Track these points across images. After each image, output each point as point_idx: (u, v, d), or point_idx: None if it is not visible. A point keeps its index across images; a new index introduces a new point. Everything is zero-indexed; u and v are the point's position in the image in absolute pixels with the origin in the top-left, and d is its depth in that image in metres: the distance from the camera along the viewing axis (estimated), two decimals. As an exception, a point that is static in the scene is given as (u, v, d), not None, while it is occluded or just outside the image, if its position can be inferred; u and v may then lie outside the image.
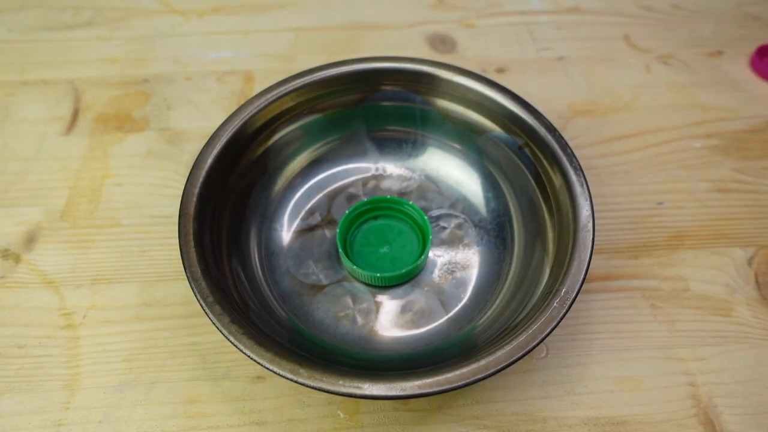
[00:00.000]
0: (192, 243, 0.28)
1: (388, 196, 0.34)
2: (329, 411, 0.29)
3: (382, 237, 0.34)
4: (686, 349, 0.32)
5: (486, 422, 0.29)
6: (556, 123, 0.41)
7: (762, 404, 0.30)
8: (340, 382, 0.24)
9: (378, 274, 0.31)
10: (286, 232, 0.35)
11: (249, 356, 0.25)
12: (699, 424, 0.29)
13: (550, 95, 0.43)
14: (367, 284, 0.33)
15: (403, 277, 0.32)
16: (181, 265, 0.27)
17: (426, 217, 0.33)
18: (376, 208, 0.34)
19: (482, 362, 0.25)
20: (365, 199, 0.34)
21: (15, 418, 0.29)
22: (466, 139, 0.35)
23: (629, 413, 0.29)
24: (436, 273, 0.33)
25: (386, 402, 0.30)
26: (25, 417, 0.29)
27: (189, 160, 0.39)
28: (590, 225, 0.28)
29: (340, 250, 0.32)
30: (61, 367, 0.31)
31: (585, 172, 0.30)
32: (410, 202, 0.33)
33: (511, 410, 0.30)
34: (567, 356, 0.31)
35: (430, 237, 0.32)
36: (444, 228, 0.35)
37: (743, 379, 0.31)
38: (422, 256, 0.32)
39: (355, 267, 0.32)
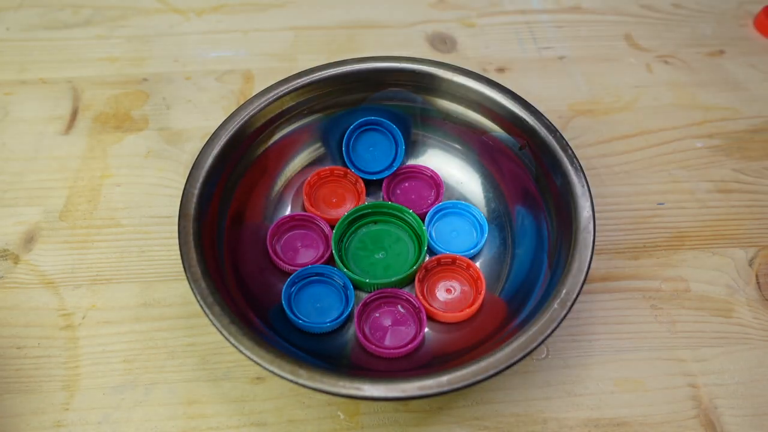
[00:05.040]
0: (192, 243, 0.28)
1: (389, 202, 0.34)
2: (329, 412, 0.29)
3: (378, 243, 0.34)
4: (687, 350, 0.32)
5: (486, 423, 0.29)
6: (556, 123, 0.40)
7: (763, 405, 0.30)
8: (340, 384, 0.24)
9: (367, 280, 0.31)
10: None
11: (249, 357, 0.25)
12: (700, 425, 0.29)
13: (551, 95, 0.43)
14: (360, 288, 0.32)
15: (394, 285, 0.31)
16: (181, 265, 0.27)
17: (425, 228, 0.33)
18: (377, 212, 0.34)
19: (483, 363, 0.25)
20: (366, 202, 0.34)
21: (14, 419, 0.29)
22: (466, 139, 0.35)
23: (630, 414, 0.29)
24: (437, 273, 0.33)
25: (386, 403, 0.30)
26: (24, 418, 0.29)
27: (189, 160, 0.39)
28: (591, 226, 0.28)
29: (334, 251, 0.32)
30: (60, 367, 0.30)
31: (585, 173, 0.30)
32: (411, 211, 0.33)
33: (511, 411, 0.29)
34: (567, 357, 0.31)
35: (425, 249, 0.32)
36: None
37: (744, 380, 0.30)
38: (415, 266, 0.31)
39: (346, 270, 0.31)
